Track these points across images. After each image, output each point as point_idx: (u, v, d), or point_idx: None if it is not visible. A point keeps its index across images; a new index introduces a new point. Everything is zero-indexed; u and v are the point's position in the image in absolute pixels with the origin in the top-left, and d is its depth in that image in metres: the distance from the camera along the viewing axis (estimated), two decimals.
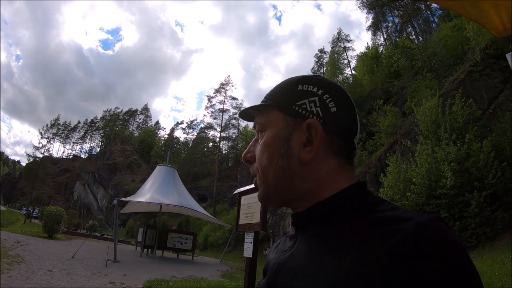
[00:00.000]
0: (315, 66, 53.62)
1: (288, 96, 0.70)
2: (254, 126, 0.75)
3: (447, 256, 0.47)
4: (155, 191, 20.69)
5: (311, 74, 0.73)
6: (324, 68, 48.37)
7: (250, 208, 3.85)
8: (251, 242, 3.72)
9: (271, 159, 0.68)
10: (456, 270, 0.46)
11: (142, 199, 20.36)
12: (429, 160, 12.40)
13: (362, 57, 40.18)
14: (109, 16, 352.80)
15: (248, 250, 3.73)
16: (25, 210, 49.40)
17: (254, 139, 0.75)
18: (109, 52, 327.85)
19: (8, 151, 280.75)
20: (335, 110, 0.66)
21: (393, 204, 0.58)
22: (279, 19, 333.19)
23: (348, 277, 0.50)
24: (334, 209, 0.63)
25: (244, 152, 0.75)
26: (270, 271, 0.69)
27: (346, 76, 37.19)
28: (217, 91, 64.72)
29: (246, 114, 0.77)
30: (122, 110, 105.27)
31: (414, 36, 38.90)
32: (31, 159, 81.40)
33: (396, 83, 28.47)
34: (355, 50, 57.11)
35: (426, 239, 0.47)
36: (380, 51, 38.60)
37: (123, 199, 22.09)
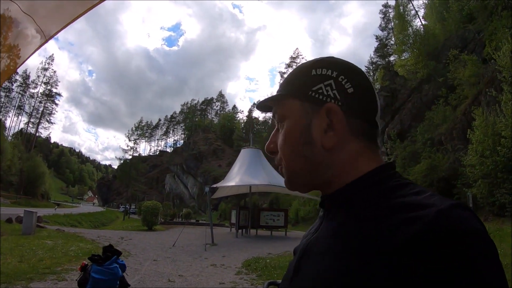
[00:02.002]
0: (382, 22, 51.71)
1: (303, 82, 0.68)
2: (273, 117, 0.74)
3: (467, 244, 0.44)
4: (243, 173, 21.41)
5: (325, 56, 0.70)
6: (392, 23, 46.04)
7: None
8: None
9: (293, 149, 0.67)
10: (476, 259, 0.44)
11: (232, 183, 21.18)
12: None
13: (430, 5, 37.28)
14: (167, 14, 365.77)
15: None
16: (123, 207, 53.38)
17: (275, 130, 0.73)
18: (175, 48, 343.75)
19: (98, 158, 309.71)
20: (352, 91, 0.64)
21: (418, 188, 0.56)
22: None
23: (363, 267, 0.49)
24: (354, 195, 0.61)
25: (267, 143, 0.74)
26: (297, 254, 0.69)
27: (416, 28, 34.34)
28: (288, 65, 65.12)
29: (265, 106, 0.77)
30: (198, 101, 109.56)
31: None
32: (122, 162, 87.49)
33: (471, 28, 26.27)
34: None
35: (446, 227, 0.45)
36: None
37: (214, 185, 23.19)
